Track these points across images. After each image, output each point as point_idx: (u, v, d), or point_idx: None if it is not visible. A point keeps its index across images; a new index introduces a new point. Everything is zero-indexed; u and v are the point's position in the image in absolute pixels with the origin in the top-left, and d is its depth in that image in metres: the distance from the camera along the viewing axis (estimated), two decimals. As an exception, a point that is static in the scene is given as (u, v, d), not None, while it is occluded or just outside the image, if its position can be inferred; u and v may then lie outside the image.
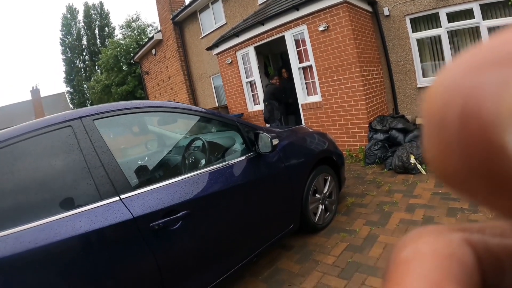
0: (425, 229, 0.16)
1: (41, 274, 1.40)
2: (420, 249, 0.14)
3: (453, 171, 0.12)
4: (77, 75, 35.85)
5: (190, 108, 2.27)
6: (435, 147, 0.13)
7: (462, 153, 0.11)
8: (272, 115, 6.41)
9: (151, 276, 1.74)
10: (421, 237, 0.15)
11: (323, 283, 2.35)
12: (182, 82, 12.07)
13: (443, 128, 0.12)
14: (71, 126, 1.71)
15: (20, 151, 1.54)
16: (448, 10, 5.17)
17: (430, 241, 0.14)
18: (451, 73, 0.12)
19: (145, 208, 1.71)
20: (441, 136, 0.12)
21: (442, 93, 0.12)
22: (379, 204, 3.50)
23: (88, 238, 1.54)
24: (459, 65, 0.12)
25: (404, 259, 0.14)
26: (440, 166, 0.13)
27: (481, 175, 0.11)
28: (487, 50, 0.11)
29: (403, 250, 0.15)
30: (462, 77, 0.11)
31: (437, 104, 0.12)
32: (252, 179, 2.35)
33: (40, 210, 1.51)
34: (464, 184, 0.12)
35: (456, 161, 0.12)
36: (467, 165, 0.11)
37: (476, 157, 0.11)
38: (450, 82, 0.12)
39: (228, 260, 2.20)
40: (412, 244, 0.15)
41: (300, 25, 5.74)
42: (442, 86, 0.12)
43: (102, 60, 21.68)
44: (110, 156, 1.74)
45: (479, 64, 0.11)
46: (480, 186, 0.12)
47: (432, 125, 0.12)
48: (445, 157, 0.12)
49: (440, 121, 0.12)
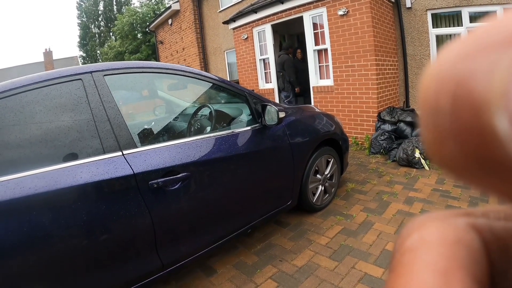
0: (430, 216, 0.15)
1: (38, 220, 1.42)
2: (426, 236, 0.14)
3: (449, 157, 0.12)
4: (91, 40, 35.78)
5: (201, 73, 2.26)
6: (430, 134, 0.13)
7: (456, 139, 0.11)
8: (285, 85, 6.58)
9: (145, 234, 1.77)
10: (426, 224, 0.15)
11: (314, 262, 2.38)
12: (195, 54, 11.98)
13: (436, 115, 0.12)
14: (81, 80, 1.72)
15: (29, 100, 1.54)
16: (471, 9, 5.02)
17: (436, 227, 0.14)
18: (442, 61, 0.12)
19: (146, 165, 1.73)
20: (435, 123, 0.12)
21: (434, 80, 0.12)
22: (378, 193, 3.50)
23: (87, 189, 1.56)
24: (449, 53, 0.12)
25: (409, 247, 0.14)
26: (436, 153, 0.13)
27: (476, 160, 0.11)
28: (476, 36, 0.11)
29: (408, 238, 0.14)
30: (453, 64, 0.11)
31: (430, 92, 0.12)
32: (255, 150, 2.35)
33: (43, 158, 1.52)
34: (461, 169, 0.12)
35: (451, 147, 0.12)
36: (462, 150, 0.11)
37: (469, 142, 0.11)
38: (441, 69, 0.12)
39: (223, 228, 2.22)
40: (417, 231, 0.14)
41: (320, 7, 5.63)
42: (434, 74, 0.12)
43: (117, 26, 21.60)
44: (117, 111, 1.75)
45: (469, 50, 0.11)
46: (476, 171, 0.12)
47: (426, 113, 0.12)
48: (441, 144, 0.12)
49: (434, 108, 0.12)
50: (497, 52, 0.10)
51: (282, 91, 6.76)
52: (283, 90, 6.72)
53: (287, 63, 6.41)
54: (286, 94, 6.66)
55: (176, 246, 1.94)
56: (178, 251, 1.96)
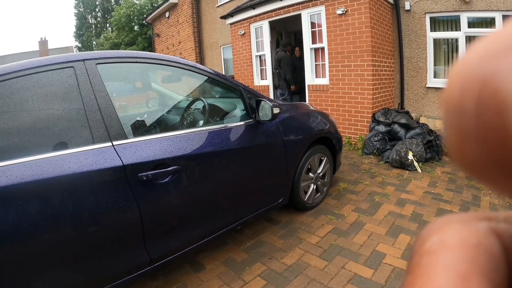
0: (450, 218, 0.15)
1: (24, 210, 1.38)
2: (446, 239, 0.14)
3: (471, 158, 0.12)
4: (87, 30, 35.50)
5: (196, 66, 2.22)
6: (454, 135, 0.12)
7: (479, 140, 0.11)
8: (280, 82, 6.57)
9: (133, 227, 1.73)
10: (446, 226, 0.15)
11: (303, 261, 2.36)
12: (192, 48, 11.94)
13: (461, 116, 0.12)
14: (73, 67, 1.67)
15: (19, 86, 1.50)
16: (470, 15, 5.03)
17: (456, 230, 0.14)
18: (468, 61, 0.12)
19: (136, 157, 1.70)
20: (459, 123, 0.12)
21: (460, 80, 0.12)
22: (370, 194, 3.50)
23: (74, 180, 1.52)
24: (475, 53, 0.12)
25: (429, 249, 0.14)
26: (459, 153, 0.13)
27: (497, 161, 0.11)
28: (502, 36, 0.11)
29: (428, 240, 0.14)
30: (479, 64, 0.11)
31: (455, 92, 0.12)
32: (247, 146, 2.32)
33: (31, 147, 1.48)
34: (481, 170, 0.12)
35: (473, 147, 0.12)
36: (484, 151, 0.11)
37: (492, 142, 0.11)
38: (467, 69, 0.12)
39: (213, 223, 2.20)
40: (437, 233, 0.14)
41: (318, 6, 5.62)
42: (459, 74, 0.12)
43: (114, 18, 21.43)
44: (108, 101, 1.71)
45: (495, 50, 0.11)
46: (496, 172, 0.11)
47: (450, 113, 0.12)
48: (464, 144, 0.12)
49: (458, 109, 0.12)
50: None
51: (278, 89, 6.74)
52: (279, 88, 6.69)
53: (284, 60, 6.38)
54: (281, 92, 6.64)
55: (164, 241, 1.91)
56: (166, 246, 1.93)
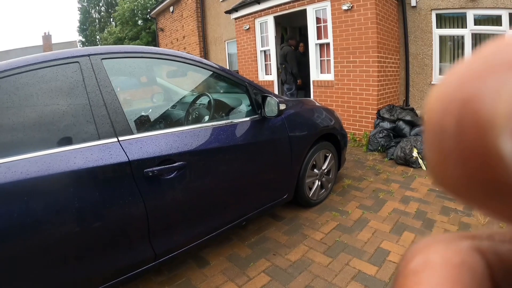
0: (434, 238, 0.15)
1: (29, 206, 1.38)
2: (430, 259, 0.14)
3: (452, 177, 0.12)
4: (91, 25, 35.47)
5: (201, 61, 2.21)
6: (435, 155, 0.13)
7: (459, 160, 0.11)
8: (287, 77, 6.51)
9: (138, 223, 1.74)
10: (430, 246, 0.15)
11: (307, 257, 2.36)
12: (196, 43, 11.90)
13: (441, 135, 0.12)
14: (78, 62, 1.67)
15: (24, 82, 1.50)
16: (476, 12, 4.97)
17: (440, 250, 0.14)
18: (449, 81, 0.12)
19: (141, 153, 1.69)
20: (440, 143, 0.12)
21: (441, 100, 0.12)
22: (375, 191, 3.49)
23: (80, 175, 1.53)
24: (457, 73, 0.12)
25: (413, 269, 0.14)
26: (440, 173, 0.13)
27: (478, 181, 0.11)
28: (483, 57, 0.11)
29: (412, 261, 0.14)
30: (460, 84, 0.11)
31: (436, 112, 0.12)
32: (253, 142, 2.31)
33: (36, 142, 1.48)
34: (463, 190, 0.12)
35: (454, 167, 0.12)
36: (465, 171, 0.11)
37: (473, 163, 0.11)
38: (448, 90, 0.12)
39: (218, 219, 2.20)
40: (421, 254, 0.14)
41: (324, 1, 5.57)
42: (440, 94, 0.12)
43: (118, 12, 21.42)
44: (114, 97, 1.71)
45: (475, 71, 0.11)
46: (478, 193, 0.12)
47: (431, 132, 0.12)
48: (445, 165, 0.12)
49: (438, 128, 0.12)
50: (504, 73, 0.10)
51: (285, 84, 6.69)
52: (286, 83, 6.65)
53: (289, 55, 6.34)
54: (288, 87, 6.60)
55: (169, 236, 1.92)
56: (171, 242, 1.93)
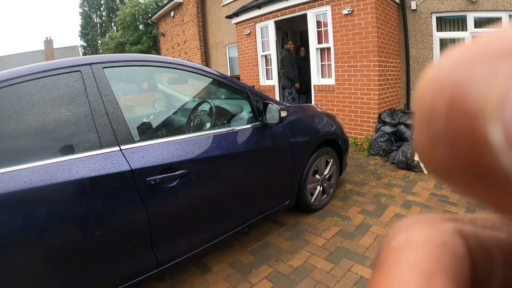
0: (418, 218, 0.16)
1: (32, 215, 1.39)
2: (412, 237, 0.14)
3: (439, 161, 0.12)
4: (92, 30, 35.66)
5: (202, 68, 2.23)
6: (423, 138, 0.13)
7: (448, 144, 0.12)
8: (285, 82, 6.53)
9: (141, 231, 1.74)
10: (413, 225, 0.15)
11: (309, 263, 2.36)
12: (197, 47, 11.93)
13: (431, 119, 0.12)
14: (80, 72, 1.68)
15: (26, 91, 1.51)
16: (477, 15, 4.97)
17: (422, 230, 0.14)
18: (442, 67, 0.12)
19: (144, 161, 1.70)
20: (429, 127, 0.12)
21: (432, 85, 0.12)
22: (376, 195, 3.49)
23: (82, 185, 1.53)
24: (449, 58, 0.12)
25: (395, 247, 0.14)
26: (427, 156, 0.13)
27: (465, 167, 0.11)
28: (477, 44, 0.11)
29: (395, 238, 0.15)
30: (452, 69, 0.11)
31: (427, 96, 0.12)
32: (254, 149, 2.32)
33: (39, 152, 1.49)
34: (450, 174, 0.12)
35: (442, 152, 0.12)
36: (452, 156, 0.12)
37: (461, 149, 0.11)
38: (440, 75, 0.12)
39: (220, 226, 2.20)
40: (403, 232, 0.15)
41: (324, 6, 5.59)
42: (432, 79, 0.12)
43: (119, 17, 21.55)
44: (116, 105, 1.72)
45: (469, 58, 0.11)
46: (464, 177, 0.12)
47: (421, 115, 0.13)
48: (433, 148, 0.12)
49: (429, 113, 0.12)
50: (496, 61, 0.10)
51: (286, 89, 6.71)
52: (286, 88, 6.67)
53: (285, 59, 6.36)
54: (289, 91, 6.62)
55: (172, 244, 1.92)
56: (174, 249, 1.94)
